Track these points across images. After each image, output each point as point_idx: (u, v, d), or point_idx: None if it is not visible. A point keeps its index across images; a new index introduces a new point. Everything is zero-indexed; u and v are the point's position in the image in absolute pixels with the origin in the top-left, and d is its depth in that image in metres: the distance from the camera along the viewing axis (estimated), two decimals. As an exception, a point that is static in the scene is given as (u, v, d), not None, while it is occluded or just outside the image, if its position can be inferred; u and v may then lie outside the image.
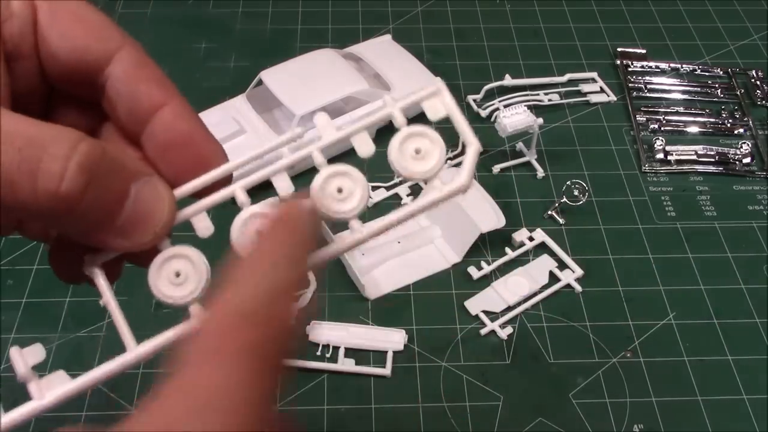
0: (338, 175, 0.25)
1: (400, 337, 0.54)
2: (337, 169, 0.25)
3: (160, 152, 0.26)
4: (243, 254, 0.23)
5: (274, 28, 0.80)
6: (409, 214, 0.26)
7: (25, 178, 0.21)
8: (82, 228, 0.23)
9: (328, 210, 0.25)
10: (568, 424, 0.51)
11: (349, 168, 0.25)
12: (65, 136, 0.22)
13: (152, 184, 0.24)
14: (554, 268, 0.59)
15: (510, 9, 0.83)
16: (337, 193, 0.25)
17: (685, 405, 0.52)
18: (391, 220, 0.26)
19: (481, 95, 0.73)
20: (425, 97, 0.26)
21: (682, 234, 0.62)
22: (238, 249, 0.24)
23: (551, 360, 0.54)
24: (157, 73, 0.27)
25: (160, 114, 0.26)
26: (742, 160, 0.68)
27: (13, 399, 0.54)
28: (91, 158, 0.22)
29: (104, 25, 0.26)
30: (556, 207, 0.63)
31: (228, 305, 0.21)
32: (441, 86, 0.26)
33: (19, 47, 0.25)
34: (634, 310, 0.57)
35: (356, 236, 0.25)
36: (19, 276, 0.58)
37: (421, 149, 0.26)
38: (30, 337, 0.54)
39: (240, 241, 0.25)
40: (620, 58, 0.77)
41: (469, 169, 0.25)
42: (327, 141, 0.26)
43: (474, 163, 0.26)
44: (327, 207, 0.25)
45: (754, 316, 0.57)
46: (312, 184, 0.25)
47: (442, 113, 0.26)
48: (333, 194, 0.25)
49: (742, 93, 0.74)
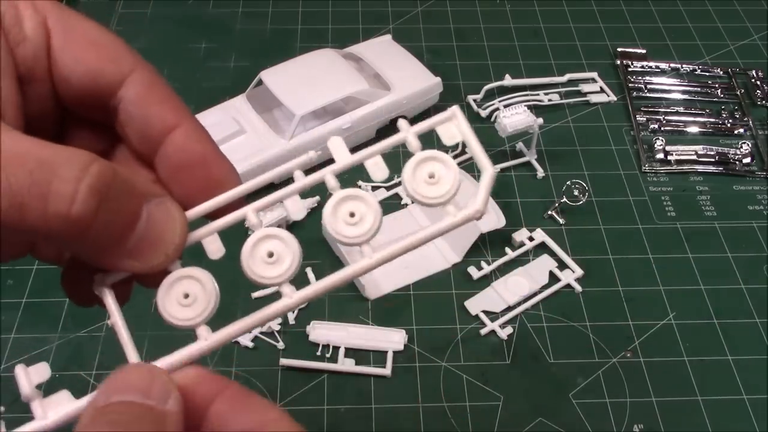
0: (350, 199, 0.25)
1: (400, 337, 0.54)
2: (350, 193, 0.25)
3: (173, 173, 0.26)
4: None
5: (274, 28, 0.80)
6: (423, 240, 0.26)
7: (35, 201, 0.21)
8: (93, 250, 0.23)
9: (338, 234, 0.25)
10: (568, 424, 0.51)
11: (362, 192, 0.25)
12: (76, 157, 0.21)
13: (164, 205, 0.24)
14: (554, 268, 0.59)
15: (510, 9, 0.83)
16: (349, 217, 0.25)
17: (685, 405, 0.52)
18: (405, 245, 0.26)
19: (481, 95, 0.73)
20: (440, 122, 0.26)
21: (682, 234, 0.62)
22: None
23: (551, 360, 0.54)
24: (170, 94, 0.27)
25: (173, 136, 0.26)
26: (742, 160, 0.68)
27: (13, 399, 0.54)
28: (102, 180, 0.22)
29: (117, 48, 0.26)
30: (556, 207, 0.63)
31: None
32: (456, 111, 0.26)
33: (32, 70, 0.25)
34: (634, 310, 0.57)
35: (365, 262, 0.25)
36: (19, 276, 0.58)
37: (435, 174, 0.26)
38: (30, 337, 0.54)
39: (248, 263, 0.25)
40: (620, 58, 0.77)
41: (485, 194, 0.25)
42: (341, 165, 0.26)
43: (490, 188, 0.26)
44: (338, 231, 0.25)
45: (754, 316, 0.57)
46: (324, 209, 0.25)
47: (458, 138, 0.26)
48: (345, 218, 0.25)
49: (742, 93, 0.74)
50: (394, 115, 0.68)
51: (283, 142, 0.63)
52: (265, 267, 0.25)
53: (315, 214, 0.62)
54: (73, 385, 0.52)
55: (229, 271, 0.27)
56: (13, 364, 0.53)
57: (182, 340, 0.25)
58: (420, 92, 0.69)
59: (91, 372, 0.52)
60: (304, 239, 0.65)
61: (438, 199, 0.26)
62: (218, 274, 0.26)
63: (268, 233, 0.25)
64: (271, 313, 0.25)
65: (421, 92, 0.69)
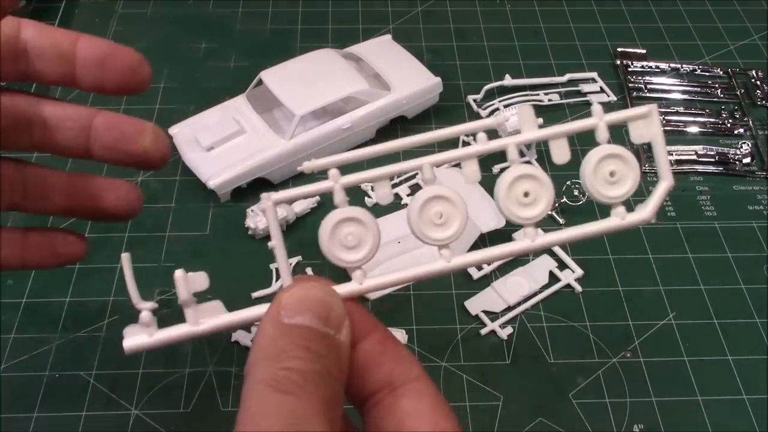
0: (525, 178, 0.25)
1: (400, 337, 0.54)
2: (525, 170, 0.25)
3: (98, 69, 0.34)
4: None
5: (274, 28, 0.80)
6: (573, 238, 0.25)
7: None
8: None
9: (513, 216, 0.25)
10: (568, 424, 0.51)
11: (534, 170, 0.25)
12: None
13: None
14: (554, 268, 0.59)
15: (510, 9, 0.83)
16: (523, 197, 0.25)
17: (685, 405, 0.52)
18: (561, 238, 0.25)
19: (481, 95, 0.73)
20: (635, 117, 0.25)
21: (682, 234, 0.62)
22: None
23: (551, 360, 0.54)
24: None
25: (80, 43, 0.34)
26: (742, 160, 0.68)
27: (13, 397, 0.54)
28: None
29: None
30: (556, 207, 0.63)
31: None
32: (654, 110, 0.25)
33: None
34: (634, 310, 0.57)
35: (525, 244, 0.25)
36: (19, 276, 0.58)
37: (616, 172, 0.25)
38: (30, 337, 0.54)
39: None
40: (620, 58, 0.77)
41: (656, 204, 0.25)
42: (527, 137, 0.26)
43: (662, 198, 0.25)
44: (510, 211, 0.25)
45: (754, 316, 0.57)
46: (497, 186, 0.25)
47: (645, 139, 0.25)
48: (518, 198, 0.25)
49: (742, 93, 0.74)
50: (394, 115, 0.68)
51: (283, 142, 0.63)
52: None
53: (315, 213, 0.62)
54: (73, 385, 0.52)
55: (229, 271, 0.27)
56: (13, 364, 0.53)
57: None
58: (420, 92, 0.69)
59: (91, 372, 0.52)
60: (304, 239, 0.65)
61: (615, 200, 0.25)
62: (219, 274, 0.26)
63: (438, 193, 0.25)
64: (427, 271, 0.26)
65: (421, 92, 0.69)
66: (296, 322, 0.23)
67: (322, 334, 0.23)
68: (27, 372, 0.52)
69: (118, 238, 0.60)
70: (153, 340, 0.25)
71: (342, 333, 0.24)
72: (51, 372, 0.53)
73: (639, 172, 0.25)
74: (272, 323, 0.24)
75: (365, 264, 0.26)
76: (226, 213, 0.62)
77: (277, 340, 0.23)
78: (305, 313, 0.24)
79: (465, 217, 0.25)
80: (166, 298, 0.55)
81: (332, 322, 0.24)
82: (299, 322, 0.23)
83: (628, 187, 0.25)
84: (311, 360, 0.23)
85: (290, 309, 0.24)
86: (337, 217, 0.25)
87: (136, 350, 0.25)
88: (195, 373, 0.52)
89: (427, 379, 0.25)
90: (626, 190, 0.25)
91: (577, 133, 0.26)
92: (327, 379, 0.23)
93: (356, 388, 0.26)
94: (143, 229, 0.61)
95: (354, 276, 0.26)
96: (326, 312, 0.24)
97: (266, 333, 0.23)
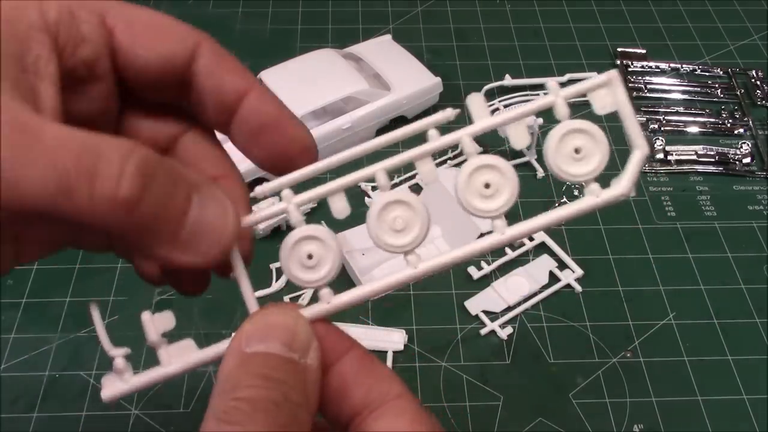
0: (485, 168, 0.23)
1: (400, 337, 0.54)
2: (485, 161, 0.23)
3: (251, 136, 0.27)
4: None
5: (274, 28, 0.80)
6: (556, 220, 0.23)
7: (83, 183, 0.21)
8: (143, 240, 0.23)
9: (475, 209, 0.23)
10: (568, 424, 0.51)
11: (496, 160, 0.23)
12: (121, 143, 0.21)
13: (216, 195, 0.24)
14: (554, 268, 0.59)
15: (510, 9, 0.83)
16: (484, 188, 0.23)
17: (685, 405, 0.52)
18: (535, 225, 0.23)
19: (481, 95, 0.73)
20: (594, 87, 0.23)
21: (682, 234, 0.62)
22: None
23: (551, 360, 0.54)
24: (237, 63, 0.28)
25: (247, 100, 0.27)
26: (742, 160, 0.68)
27: (13, 397, 0.54)
28: (147, 162, 0.22)
29: (180, 28, 0.27)
30: (556, 207, 0.63)
31: None
32: (614, 77, 0.23)
33: (93, 70, 0.25)
34: (634, 310, 0.57)
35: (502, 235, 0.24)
36: (19, 276, 0.58)
37: (582, 148, 0.23)
38: (30, 337, 0.54)
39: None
40: (620, 58, 0.77)
41: (632, 176, 0.22)
42: (481, 127, 0.24)
43: (638, 168, 0.23)
44: (470, 204, 0.23)
45: (754, 316, 0.57)
46: (458, 177, 0.23)
47: (610, 108, 0.23)
48: (479, 189, 0.23)
49: (742, 93, 0.74)
50: (393, 115, 0.68)
51: (283, 142, 0.63)
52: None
53: (315, 213, 0.62)
54: (73, 385, 0.52)
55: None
56: (13, 364, 0.53)
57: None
58: (420, 92, 0.69)
59: (91, 372, 0.52)
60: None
61: (581, 178, 0.23)
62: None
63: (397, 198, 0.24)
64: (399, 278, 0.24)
65: (421, 92, 0.69)
66: (256, 350, 0.23)
67: (284, 359, 0.23)
68: (27, 372, 0.52)
69: (118, 238, 0.60)
70: (129, 386, 0.25)
71: (309, 357, 0.23)
72: (51, 372, 0.53)
73: (608, 146, 0.23)
74: (233, 355, 0.23)
75: (326, 282, 0.25)
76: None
77: (233, 372, 0.23)
78: (267, 340, 0.23)
79: (426, 222, 0.24)
80: (166, 298, 0.55)
81: (297, 346, 0.23)
82: (259, 350, 0.23)
83: (595, 164, 0.23)
84: (266, 388, 0.22)
85: (252, 338, 0.23)
86: (295, 238, 0.25)
87: (115, 398, 0.25)
88: (195, 374, 0.52)
89: (408, 395, 0.24)
90: (594, 167, 0.23)
91: (536, 113, 0.25)
92: (284, 406, 0.22)
93: (335, 412, 0.25)
94: (143, 229, 0.61)
95: (321, 295, 0.25)
96: (290, 337, 0.23)
97: (226, 366, 0.23)
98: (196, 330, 0.54)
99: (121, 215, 0.21)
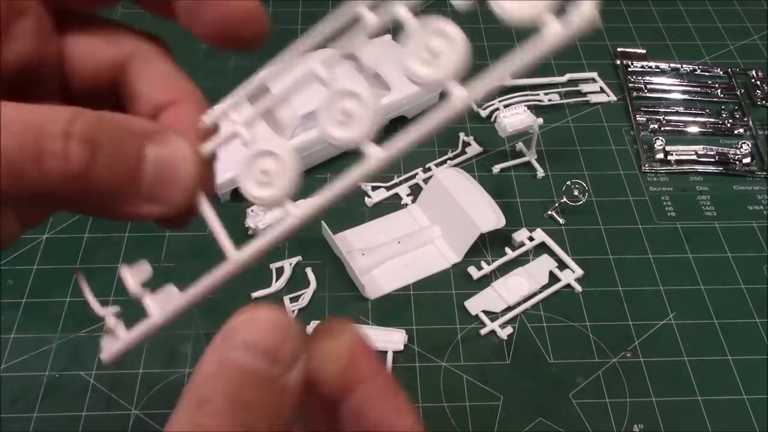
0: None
1: (400, 337, 0.54)
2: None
3: (194, 7, 0.26)
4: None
5: (274, 28, 0.80)
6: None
7: (30, 164, 0.20)
8: (105, 201, 0.22)
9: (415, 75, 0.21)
10: (568, 424, 0.51)
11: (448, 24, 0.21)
12: (60, 113, 0.21)
13: (168, 140, 0.23)
14: (554, 268, 0.59)
15: (510, 9, 0.83)
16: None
17: (685, 405, 0.52)
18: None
19: (481, 95, 0.73)
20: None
21: (682, 234, 0.62)
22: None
23: (551, 360, 0.54)
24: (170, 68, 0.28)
25: None
26: (742, 160, 0.68)
27: (13, 397, 0.54)
28: (90, 127, 0.21)
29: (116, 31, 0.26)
30: (556, 207, 0.63)
31: None
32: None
33: (39, 70, 0.25)
34: (634, 310, 0.57)
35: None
36: (19, 276, 0.58)
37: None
38: (30, 337, 0.54)
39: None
40: (620, 58, 0.77)
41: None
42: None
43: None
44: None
45: (754, 316, 0.57)
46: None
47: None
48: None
49: (742, 93, 0.74)
50: (394, 115, 0.68)
51: (284, 142, 0.63)
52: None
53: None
54: (73, 385, 0.52)
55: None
56: (13, 364, 0.53)
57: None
58: (420, 92, 0.69)
59: (91, 372, 0.52)
60: (303, 239, 0.65)
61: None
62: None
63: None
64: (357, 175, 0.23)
65: (421, 92, 0.69)
66: (234, 359, 0.20)
67: (260, 378, 0.20)
68: (27, 372, 0.52)
69: (118, 238, 0.60)
70: (123, 342, 0.25)
71: (292, 373, 0.21)
72: (51, 372, 0.53)
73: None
74: (211, 355, 0.21)
75: (281, 198, 0.24)
76: (226, 213, 0.61)
77: (204, 384, 0.20)
78: (249, 346, 0.21)
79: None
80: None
81: (283, 357, 0.21)
82: (237, 360, 0.20)
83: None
84: (230, 416, 0.20)
85: (233, 339, 0.21)
86: (248, 155, 0.25)
87: (113, 357, 0.25)
88: (195, 373, 0.52)
89: (419, 427, 0.23)
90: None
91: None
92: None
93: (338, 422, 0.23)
94: (143, 229, 0.61)
95: (287, 209, 0.24)
96: (277, 346, 0.21)
97: (202, 369, 0.21)
98: (196, 330, 0.54)
99: (76, 186, 0.21)
